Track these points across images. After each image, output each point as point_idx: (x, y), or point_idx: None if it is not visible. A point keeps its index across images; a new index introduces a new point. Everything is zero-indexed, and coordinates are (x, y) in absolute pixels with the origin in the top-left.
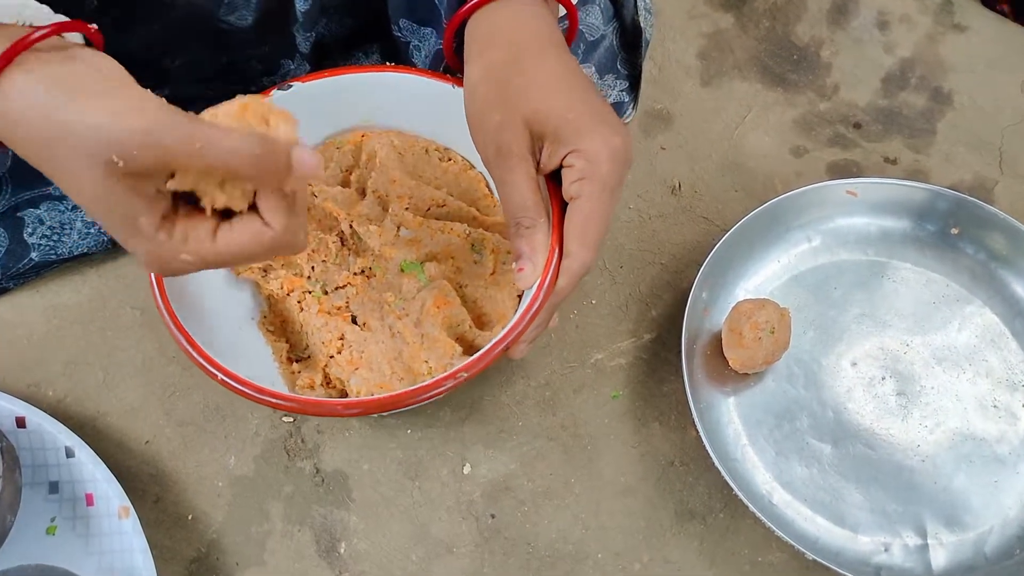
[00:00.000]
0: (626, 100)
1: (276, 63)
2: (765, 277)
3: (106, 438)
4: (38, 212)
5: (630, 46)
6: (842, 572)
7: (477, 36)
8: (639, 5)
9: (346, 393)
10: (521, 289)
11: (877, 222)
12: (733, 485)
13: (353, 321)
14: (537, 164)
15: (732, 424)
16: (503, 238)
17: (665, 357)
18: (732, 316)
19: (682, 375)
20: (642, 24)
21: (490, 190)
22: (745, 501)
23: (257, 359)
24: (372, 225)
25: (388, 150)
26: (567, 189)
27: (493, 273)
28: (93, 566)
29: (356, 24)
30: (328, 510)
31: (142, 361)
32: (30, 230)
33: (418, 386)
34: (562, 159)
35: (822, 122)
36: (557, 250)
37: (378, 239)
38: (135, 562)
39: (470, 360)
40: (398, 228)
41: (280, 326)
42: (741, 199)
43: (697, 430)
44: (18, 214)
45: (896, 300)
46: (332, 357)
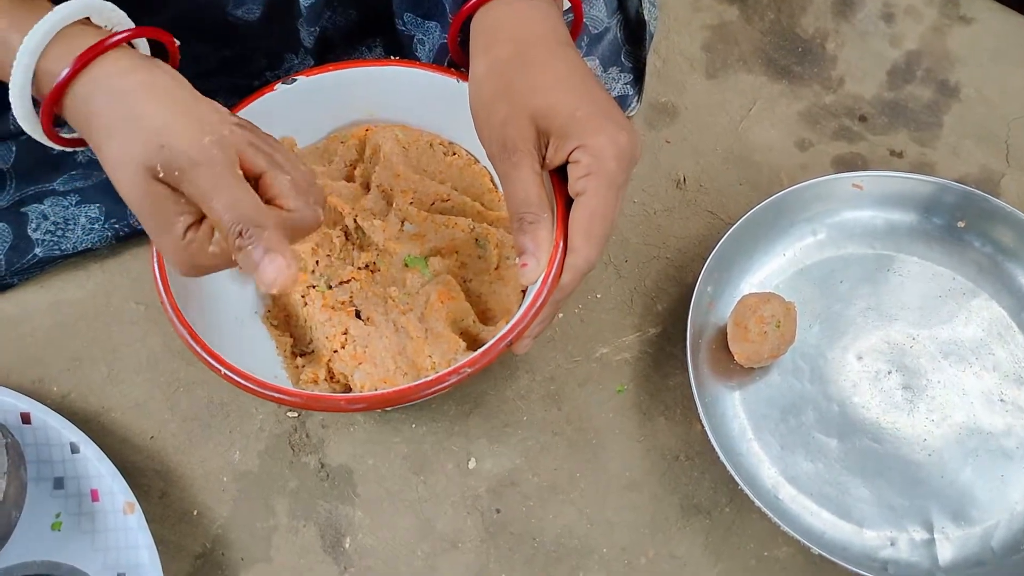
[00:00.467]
0: (630, 93)
1: (279, 57)
2: (771, 271)
3: (111, 434)
4: (42, 207)
5: (634, 39)
6: (849, 567)
7: (483, 31)
8: None
9: (350, 388)
10: (525, 284)
11: (883, 215)
12: (739, 479)
13: (357, 316)
14: (542, 160)
15: (738, 418)
16: (507, 233)
17: (670, 351)
18: (737, 310)
19: (687, 369)
20: (646, 17)
21: (494, 185)
22: (751, 496)
23: (261, 354)
24: (376, 220)
25: (392, 144)
26: (573, 185)
27: (497, 268)
28: (98, 562)
29: (360, 18)
30: (333, 505)
31: (147, 356)
32: (34, 225)
33: (422, 381)
34: (568, 155)
35: (827, 115)
36: (561, 246)
37: (382, 234)
38: (141, 558)
39: (474, 355)
40: (402, 223)
41: (284, 320)
42: (746, 192)
43: (702, 424)
44: (22, 209)
45: (902, 294)
46: (336, 352)
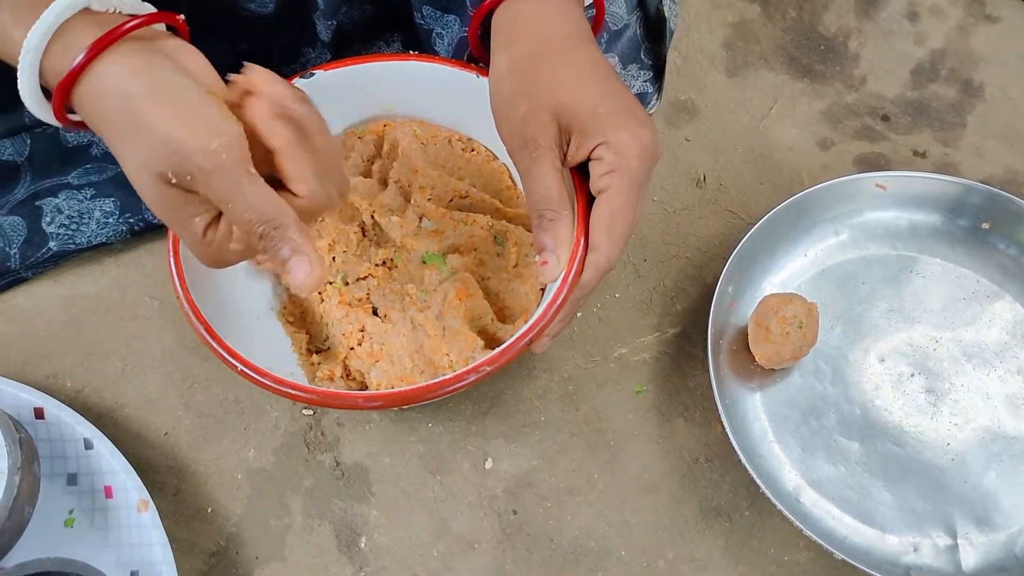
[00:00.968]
0: (650, 91)
1: (296, 51)
2: (792, 271)
3: (124, 430)
4: (57, 201)
5: (654, 36)
6: (871, 572)
7: (504, 26)
8: None
9: (366, 385)
10: (544, 283)
11: (906, 216)
12: (760, 482)
13: (374, 313)
14: (563, 157)
15: (758, 420)
16: (526, 230)
17: (690, 352)
18: (759, 310)
19: (708, 370)
20: (666, 14)
21: (513, 182)
22: (772, 499)
23: (276, 350)
24: (394, 216)
25: (411, 140)
26: (595, 182)
27: (516, 266)
28: (112, 559)
29: (377, 12)
30: (348, 504)
31: (161, 352)
32: (48, 219)
33: (441, 379)
34: (590, 152)
35: (849, 114)
36: (582, 243)
37: (400, 230)
38: (154, 556)
39: (493, 354)
40: (420, 219)
41: (300, 317)
42: (767, 192)
43: (723, 426)
44: (37, 203)
45: (925, 295)
46: (352, 349)
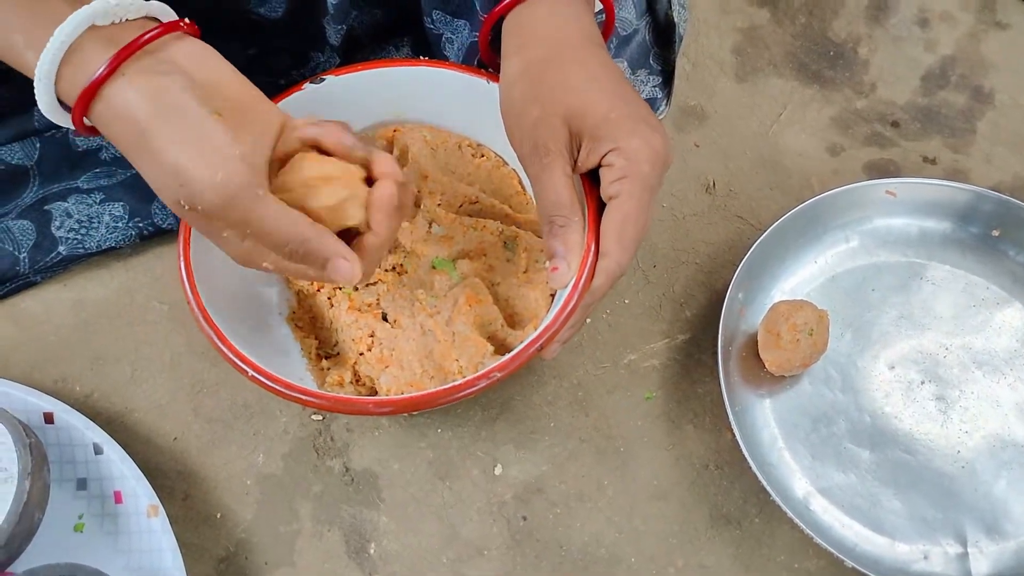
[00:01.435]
0: (659, 96)
1: (305, 56)
2: (802, 278)
3: (133, 434)
4: (66, 205)
5: (663, 41)
6: None
7: (515, 32)
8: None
9: (375, 391)
10: (555, 288)
11: (917, 223)
12: (770, 489)
13: (384, 318)
14: (573, 162)
15: (768, 427)
16: (536, 236)
17: (699, 358)
18: (769, 317)
19: (718, 377)
20: (675, 19)
21: (523, 187)
22: (782, 506)
23: (285, 356)
24: (404, 221)
25: (420, 145)
26: (606, 188)
27: (526, 271)
28: (121, 564)
29: (386, 16)
30: (358, 510)
31: (170, 357)
32: (58, 223)
33: (452, 385)
34: (601, 158)
35: (859, 120)
36: (593, 249)
37: (410, 235)
38: (164, 561)
39: (504, 359)
40: (430, 224)
41: (309, 322)
42: (776, 198)
43: (733, 433)
44: (46, 207)
45: (935, 303)
46: (362, 354)
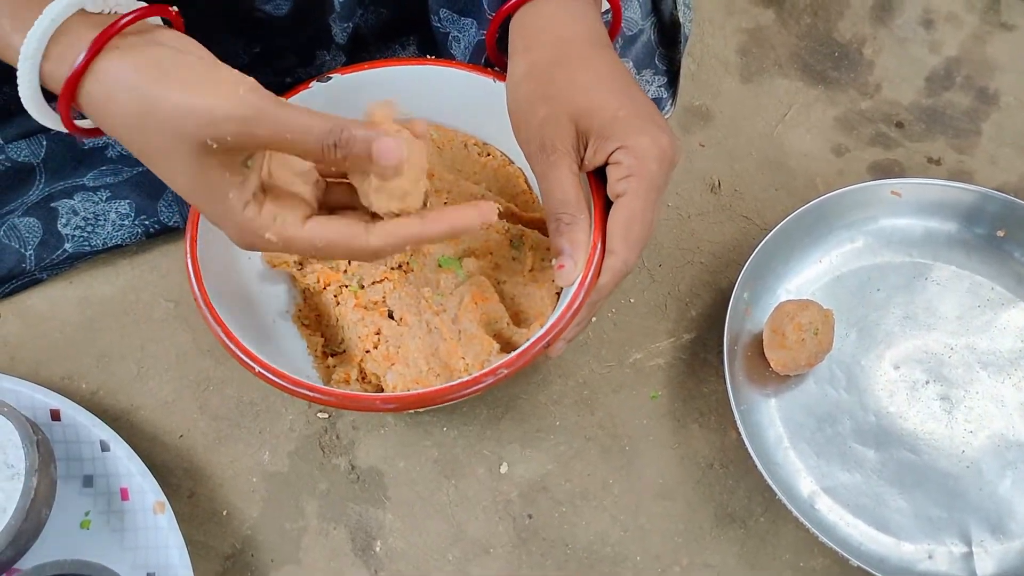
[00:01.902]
0: (664, 96)
1: (311, 54)
2: (807, 278)
3: (140, 431)
4: (72, 203)
5: (668, 41)
6: None
7: (522, 31)
8: (678, 0)
9: (381, 388)
10: (561, 286)
11: (921, 223)
12: (775, 488)
13: (390, 316)
14: (580, 161)
15: (773, 427)
16: (542, 234)
17: (704, 358)
18: (775, 316)
19: (722, 376)
20: (681, 19)
21: (529, 186)
22: (788, 505)
23: (291, 353)
24: None
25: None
26: (613, 186)
27: (532, 270)
28: (128, 561)
29: (393, 14)
30: (363, 508)
31: (176, 354)
32: (64, 221)
33: (458, 382)
34: (608, 156)
35: (864, 121)
36: (599, 247)
37: None
38: (171, 558)
39: (511, 357)
40: None
41: (315, 320)
42: (781, 198)
43: (738, 432)
44: (52, 204)
45: (940, 303)
46: (368, 352)
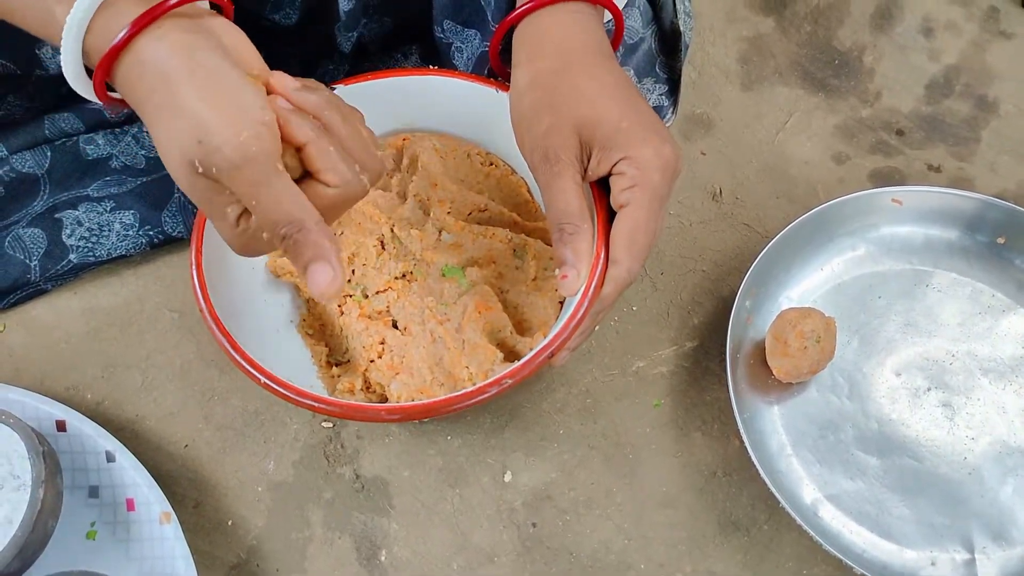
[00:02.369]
0: (665, 104)
1: (315, 63)
2: (809, 285)
3: (145, 442)
4: (76, 213)
5: (669, 49)
6: None
7: (526, 42)
8: (678, 8)
9: (386, 398)
10: (564, 296)
11: (922, 231)
12: (778, 496)
13: (394, 326)
14: (583, 171)
15: (776, 434)
16: (545, 244)
17: (707, 366)
18: (777, 324)
19: (724, 384)
20: (681, 27)
21: (532, 195)
22: (791, 513)
23: (296, 363)
24: (413, 229)
25: (430, 154)
26: (616, 196)
27: (535, 279)
28: (134, 572)
29: (396, 24)
30: (368, 517)
31: (180, 364)
32: (68, 231)
33: (463, 392)
34: (612, 166)
35: (864, 129)
36: (602, 257)
37: (419, 243)
38: (176, 569)
39: (515, 366)
40: (440, 232)
41: (320, 330)
42: (783, 206)
43: (741, 440)
44: (56, 215)
45: (941, 310)
46: (372, 362)
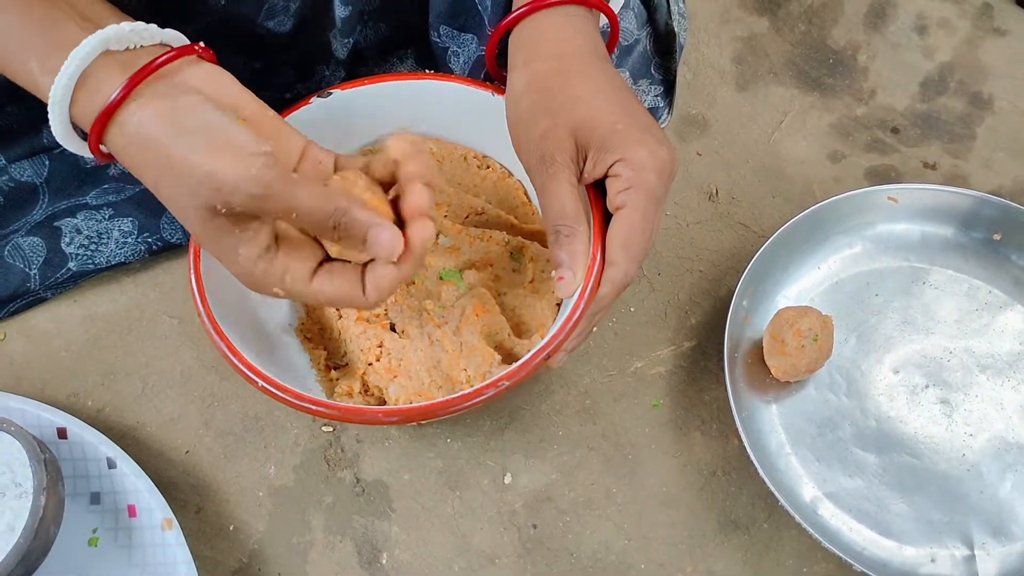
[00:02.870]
0: (661, 105)
1: (311, 69)
2: (806, 284)
3: (146, 448)
4: (75, 221)
5: (664, 51)
6: None
7: (522, 45)
8: (672, 9)
9: (384, 401)
10: (561, 297)
11: (918, 228)
12: (778, 495)
13: (392, 329)
14: (579, 173)
15: (775, 433)
16: (542, 246)
17: (705, 365)
18: (774, 323)
19: (723, 383)
20: (676, 28)
21: (528, 198)
22: (790, 511)
23: (295, 367)
24: None
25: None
26: (613, 199)
27: (532, 281)
28: None
29: (391, 30)
30: (369, 520)
31: (180, 371)
32: (67, 239)
33: (460, 394)
34: (607, 168)
35: (859, 127)
36: (599, 259)
37: None
38: (179, 574)
39: (512, 368)
40: (437, 235)
41: (318, 333)
42: (779, 205)
43: (740, 439)
44: (56, 223)
45: (938, 307)
46: (370, 365)
